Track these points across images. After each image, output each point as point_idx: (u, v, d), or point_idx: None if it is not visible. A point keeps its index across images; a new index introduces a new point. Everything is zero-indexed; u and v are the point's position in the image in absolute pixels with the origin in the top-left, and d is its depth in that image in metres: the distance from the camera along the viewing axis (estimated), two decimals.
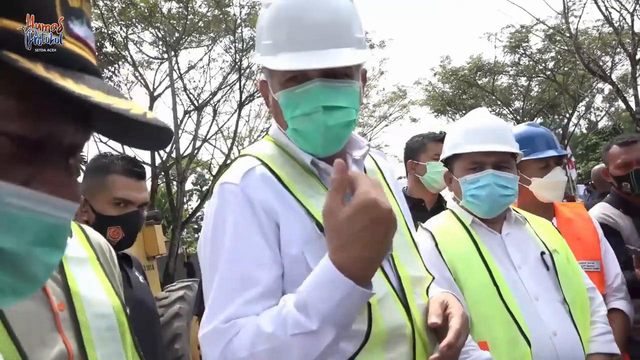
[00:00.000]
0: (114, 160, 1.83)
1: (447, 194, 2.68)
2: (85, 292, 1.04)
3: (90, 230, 1.22)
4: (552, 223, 2.20)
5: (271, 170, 1.12)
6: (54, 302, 0.98)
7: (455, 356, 1.05)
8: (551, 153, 2.32)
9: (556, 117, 20.02)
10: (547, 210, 2.27)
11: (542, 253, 1.72)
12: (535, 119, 20.06)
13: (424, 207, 2.63)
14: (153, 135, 0.50)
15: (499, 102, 19.52)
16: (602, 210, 2.53)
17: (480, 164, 1.73)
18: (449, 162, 1.84)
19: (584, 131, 23.75)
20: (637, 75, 13.61)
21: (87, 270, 1.10)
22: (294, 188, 1.10)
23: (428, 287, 1.21)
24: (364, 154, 1.20)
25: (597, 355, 1.67)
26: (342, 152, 1.17)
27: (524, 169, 2.24)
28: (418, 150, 2.72)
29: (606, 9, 13.47)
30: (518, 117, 19.36)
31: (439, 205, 2.67)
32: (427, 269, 1.24)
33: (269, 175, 1.11)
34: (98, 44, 12.24)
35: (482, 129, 1.78)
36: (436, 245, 1.66)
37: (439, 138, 2.68)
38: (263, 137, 1.29)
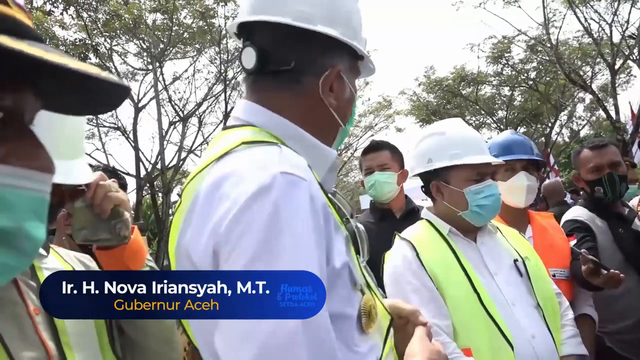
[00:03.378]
0: None
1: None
2: None
3: (65, 253, 1.22)
4: (528, 231, 2.26)
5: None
6: (30, 306, 1.00)
7: None
8: (517, 156, 2.30)
9: (539, 126, 20.26)
10: (522, 218, 2.30)
11: (515, 260, 1.77)
12: (519, 128, 20.32)
13: (393, 215, 2.60)
14: (107, 95, 0.52)
15: (483, 112, 19.73)
16: (578, 211, 2.49)
17: (483, 174, 1.78)
18: (435, 170, 1.79)
19: (567, 140, 24.03)
20: (617, 84, 13.88)
21: None
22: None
23: None
24: None
25: (570, 357, 1.73)
26: None
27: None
28: (360, 166, 2.75)
29: (585, 20, 13.77)
30: (502, 126, 19.58)
31: (412, 208, 2.60)
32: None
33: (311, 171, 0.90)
34: (82, 55, 12.19)
35: (474, 140, 1.82)
36: (417, 254, 1.68)
37: (368, 149, 2.74)
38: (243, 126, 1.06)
